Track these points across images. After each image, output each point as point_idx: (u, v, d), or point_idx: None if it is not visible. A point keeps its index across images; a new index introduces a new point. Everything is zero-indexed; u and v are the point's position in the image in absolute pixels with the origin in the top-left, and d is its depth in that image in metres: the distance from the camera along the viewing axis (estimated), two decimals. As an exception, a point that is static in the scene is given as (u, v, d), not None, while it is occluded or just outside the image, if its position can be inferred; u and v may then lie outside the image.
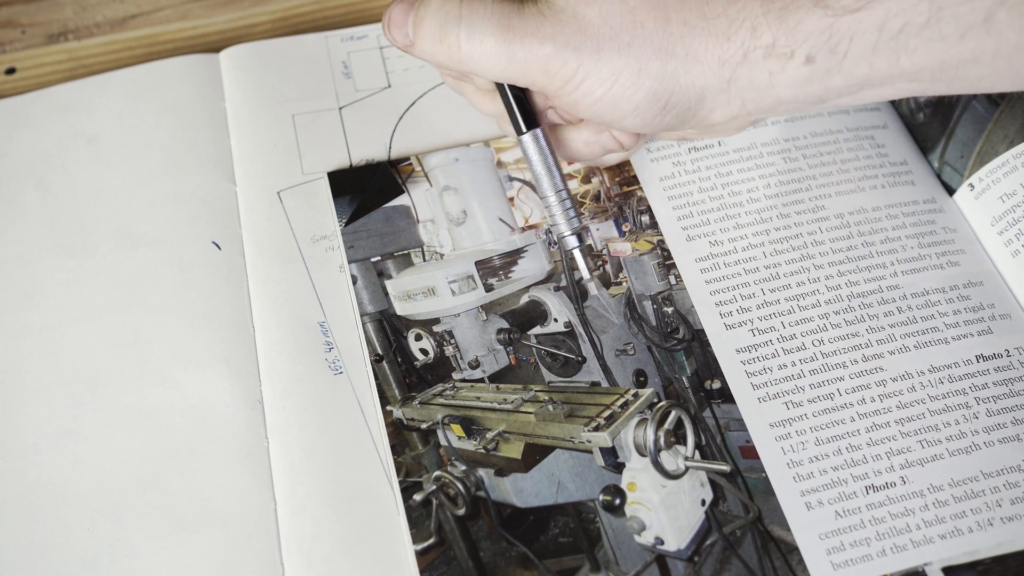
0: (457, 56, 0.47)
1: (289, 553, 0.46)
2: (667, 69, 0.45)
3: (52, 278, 0.55)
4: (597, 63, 0.45)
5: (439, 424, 0.49)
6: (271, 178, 0.58)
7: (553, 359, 0.52)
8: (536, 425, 0.48)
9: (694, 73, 0.45)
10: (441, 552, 0.46)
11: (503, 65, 0.46)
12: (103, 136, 0.60)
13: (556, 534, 0.46)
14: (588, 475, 0.47)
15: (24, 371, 0.52)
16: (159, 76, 0.62)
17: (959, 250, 0.53)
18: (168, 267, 0.55)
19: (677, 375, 0.50)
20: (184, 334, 0.53)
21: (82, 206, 0.57)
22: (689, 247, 0.54)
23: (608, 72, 0.45)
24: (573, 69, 0.45)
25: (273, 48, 0.64)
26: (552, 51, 0.45)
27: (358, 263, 0.54)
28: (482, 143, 0.59)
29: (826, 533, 0.45)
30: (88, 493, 0.48)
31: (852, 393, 0.48)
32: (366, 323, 0.52)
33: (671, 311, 0.52)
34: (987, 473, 0.46)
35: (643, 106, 0.46)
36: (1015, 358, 0.49)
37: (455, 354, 0.52)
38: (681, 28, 0.45)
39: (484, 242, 0.55)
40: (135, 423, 0.50)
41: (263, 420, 0.50)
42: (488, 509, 0.47)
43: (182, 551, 0.47)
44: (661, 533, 0.45)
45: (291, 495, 0.48)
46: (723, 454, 0.48)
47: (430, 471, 0.48)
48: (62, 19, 0.67)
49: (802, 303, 0.51)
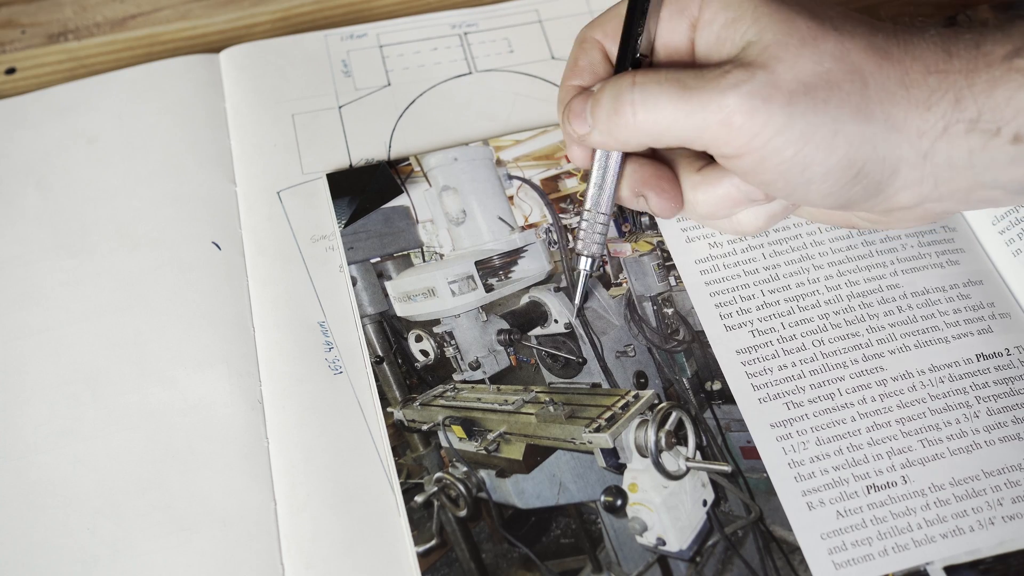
0: (633, 125, 0.43)
1: (289, 553, 0.46)
2: (865, 134, 0.41)
3: (52, 278, 0.55)
4: (789, 117, 0.40)
5: (440, 425, 0.49)
6: (271, 178, 0.58)
7: (554, 360, 0.52)
8: (537, 426, 0.48)
9: (892, 143, 0.41)
10: (443, 554, 0.46)
11: (680, 124, 0.42)
12: (103, 136, 0.60)
13: (558, 535, 0.46)
14: (589, 476, 0.47)
15: (24, 371, 0.52)
16: (159, 76, 0.62)
17: (959, 249, 0.53)
18: (168, 267, 0.55)
19: (678, 376, 0.50)
20: (184, 334, 0.53)
21: (82, 206, 0.57)
22: (689, 248, 0.54)
23: (801, 129, 0.40)
24: (761, 123, 0.40)
25: (273, 48, 0.64)
26: (736, 102, 0.40)
27: (358, 264, 0.54)
28: (481, 142, 0.59)
29: (828, 533, 0.45)
30: (88, 493, 0.48)
31: (852, 393, 0.48)
32: (366, 325, 0.52)
33: (671, 312, 0.52)
34: (988, 472, 0.46)
35: (835, 173, 0.42)
36: (1015, 357, 0.49)
37: (456, 355, 0.52)
38: (880, 93, 0.41)
39: (484, 242, 0.55)
40: (135, 423, 0.50)
41: (263, 420, 0.50)
42: (490, 510, 0.47)
43: (182, 551, 0.47)
44: (663, 534, 0.45)
45: (291, 495, 0.48)
46: (724, 455, 0.48)
47: (431, 472, 0.48)
48: (62, 19, 0.67)
49: (802, 303, 0.51)
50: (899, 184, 0.43)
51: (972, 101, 0.40)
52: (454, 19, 0.66)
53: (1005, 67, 0.40)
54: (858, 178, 0.42)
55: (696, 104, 0.41)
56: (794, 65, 0.41)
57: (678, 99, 0.42)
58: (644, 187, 0.47)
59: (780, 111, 0.40)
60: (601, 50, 0.48)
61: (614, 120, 0.44)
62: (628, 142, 0.45)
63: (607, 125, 0.44)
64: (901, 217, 0.47)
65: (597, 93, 0.45)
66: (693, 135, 0.42)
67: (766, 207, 0.48)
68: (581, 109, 0.46)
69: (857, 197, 0.43)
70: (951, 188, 0.43)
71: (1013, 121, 0.40)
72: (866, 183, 0.42)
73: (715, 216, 0.48)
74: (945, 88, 0.41)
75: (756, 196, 0.46)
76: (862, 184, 0.42)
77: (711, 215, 0.48)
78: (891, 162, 0.42)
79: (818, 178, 0.42)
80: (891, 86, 0.41)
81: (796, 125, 0.40)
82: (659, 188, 0.47)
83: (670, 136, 0.43)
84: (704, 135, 0.42)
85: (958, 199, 0.44)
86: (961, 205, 0.45)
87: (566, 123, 0.47)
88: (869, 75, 0.41)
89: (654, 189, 0.47)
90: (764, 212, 0.48)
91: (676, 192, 0.47)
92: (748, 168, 0.43)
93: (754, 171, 0.43)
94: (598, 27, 0.49)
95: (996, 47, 0.41)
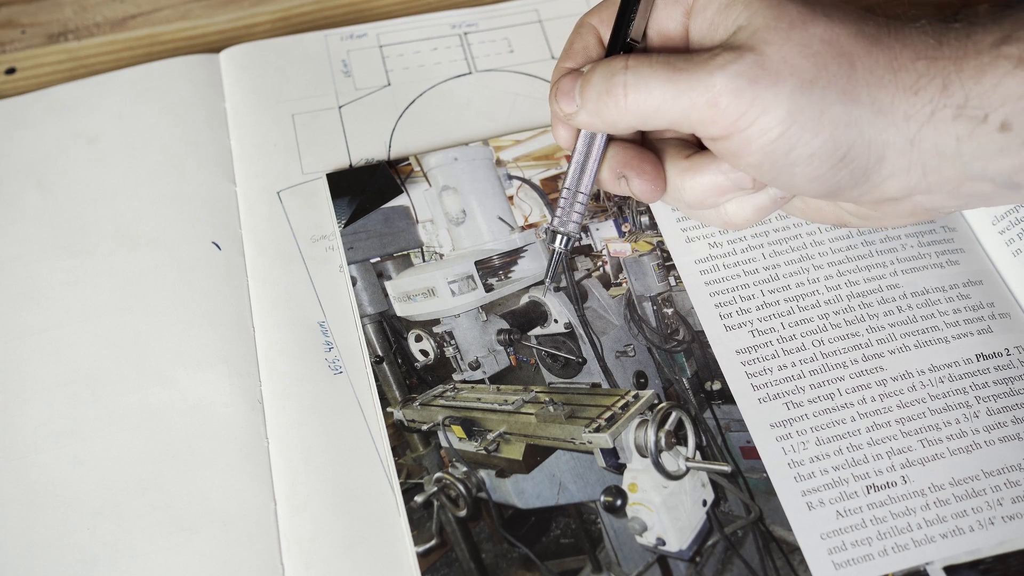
0: (623, 106, 0.43)
1: (289, 553, 0.46)
2: (852, 115, 0.41)
3: (52, 278, 0.55)
4: (775, 97, 0.40)
5: (440, 425, 0.49)
6: (271, 178, 0.58)
7: (553, 360, 0.52)
8: (537, 426, 0.48)
9: (878, 126, 0.41)
10: (443, 554, 0.46)
11: (668, 105, 0.42)
12: (103, 136, 0.60)
13: (558, 535, 0.46)
14: (589, 476, 0.47)
15: (24, 371, 0.52)
16: (159, 76, 0.62)
17: (959, 249, 0.53)
18: (168, 267, 0.55)
19: (677, 376, 0.50)
20: (184, 334, 0.53)
21: (82, 206, 0.57)
22: (689, 248, 0.54)
23: (787, 109, 0.40)
24: (748, 102, 0.40)
25: (273, 48, 0.64)
26: (723, 81, 0.40)
27: (358, 264, 0.54)
28: (481, 142, 0.59)
29: (827, 533, 0.45)
30: (88, 493, 0.48)
31: (852, 393, 0.48)
32: (366, 325, 0.52)
33: (671, 312, 0.52)
34: (988, 472, 0.46)
35: (820, 155, 0.41)
36: (1015, 357, 0.49)
37: (455, 355, 0.52)
38: (867, 76, 0.41)
39: (484, 242, 0.55)
40: (135, 423, 0.50)
41: (263, 420, 0.50)
42: (490, 510, 0.47)
43: (182, 551, 0.47)
44: (663, 534, 0.45)
45: (291, 495, 0.48)
46: (724, 455, 0.48)
47: (431, 472, 0.48)
48: (62, 19, 0.67)
49: (802, 303, 0.51)
50: (886, 172, 0.42)
51: (959, 86, 0.40)
52: (454, 19, 0.66)
53: (994, 54, 0.40)
54: (844, 162, 0.42)
55: (684, 84, 0.41)
56: (782, 47, 0.41)
57: (667, 80, 0.42)
58: (626, 168, 0.47)
59: (766, 91, 0.40)
60: (596, 35, 0.49)
61: (604, 101, 0.44)
62: (616, 124, 0.45)
63: (596, 106, 0.44)
64: (892, 212, 0.46)
65: (587, 73, 0.45)
66: (680, 116, 0.42)
67: (753, 199, 0.48)
68: (570, 88, 0.46)
69: (844, 183, 0.43)
70: (939, 178, 0.42)
71: (1000, 108, 0.40)
72: (852, 168, 0.42)
73: (703, 204, 0.48)
74: (933, 73, 0.41)
75: (744, 183, 0.46)
76: (848, 169, 0.42)
77: (698, 203, 0.47)
78: (877, 147, 0.42)
79: (803, 160, 0.42)
80: (879, 71, 0.41)
81: (782, 105, 0.40)
82: (640, 169, 0.47)
83: (658, 118, 0.43)
84: (691, 115, 0.42)
85: (947, 191, 0.43)
86: (951, 199, 0.44)
87: (553, 102, 0.47)
88: (857, 59, 0.41)
89: (635, 170, 0.47)
90: (752, 204, 0.48)
91: (658, 175, 0.47)
92: (734, 150, 0.43)
93: (740, 153, 0.43)
94: (596, 14, 0.49)
95: (986, 35, 0.41)
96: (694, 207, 0.48)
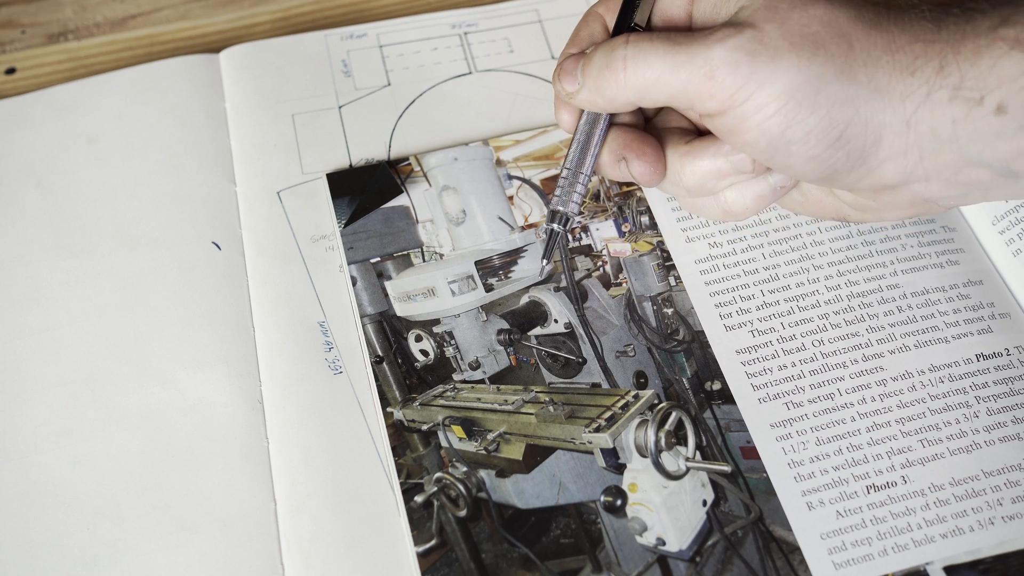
0: (622, 80, 0.44)
1: (289, 553, 0.46)
2: (848, 94, 0.41)
3: (52, 278, 0.55)
4: (772, 72, 0.41)
5: (440, 425, 0.49)
6: (271, 178, 0.58)
7: (553, 360, 0.52)
8: (537, 426, 0.48)
9: (875, 106, 0.41)
10: (443, 554, 0.46)
11: (667, 78, 0.42)
12: (103, 136, 0.60)
13: (558, 535, 0.46)
14: (589, 476, 0.47)
15: (24, 371, 0.52)
16: (159, 76, 0.62)
17: (959, 249, 0.53)
18: (168, 267, 0.55)
19: (677, 376, 0.50)
20: (184, 334, 0.53)
21: (82, 206, 0.57)
22: (689, 248, 0.54)
23: (784, 85, 0.41)
24: (745, 76, 0.41)
25: (273, 48, 0.64)
26: (721, 54, 0.41)
27: (358, 264, 0.54)
28: (481, 142, 0.59)
29: (827, 533, 0.45)
30: (88, 493, 0.48)
31: (852, 393, 0.48)
32: (366, 325, 0.52)
33: (671, 312, 0.52)
34: (988, 472, 0.46)
35: (816, 133, 0.41)
36: (1015, 357, 0.49)
37: (455, 355, 0.52)
38: (864, 57, 0.41)
39: (484, 242, 0.55)
40: (135, 423, 0.50)
41: (263, 420, 0.50)
42: (490, 510, 0.47)
43: (182, 551, 0.47)
44: (663, 534, 0.45)
45: (291, 495, 0.48)
46: (724, 455, 0.48)
47: (431, 472, 0.48)
48: (62, 19, 0.67)
49: (802, 303, 0.51)
50: (883, 154, 0.42)
51: (956, 68, 0.40)
52: (454, 19, 0.66)
53: (991, 36, 0.40)
54: (841, 142, 0.42)
55: (684, 56, 0.42)
56: (782, 25, 0.41)
57: (666, 53, 0.42)
58: (626, 150, 0.47)
59: (764, 66, 0.41)
60: (603, 24, 0.49)
61: (604, 75, 0.44)
62: (615, 99, 0.45)
63: (596, 81, 0.45)
64: (890, 203, 0.46)
65: (590, 53, 0.46)
66: (678, 90, 0.43)
67: (753, 186, 0.48)
68: (573, 68, 0.46)
69: (841, 165, 0.43)
70: (936, 163, 0.42)
71: (996, 90, 0.40)
72: (849, 148, 0.42)
73: (702, 190, 0.48)
74: (930, 55, 0.41)
75: (744, 166, 0.46)
76: (845, 150, 0.42)
77: (698, 188, 0.48)
78: (874, 127, 0.42)
79: (800, 138, 0.42)
80: (876, 52, 0.41)
81: (779, 80, 0.41)
82: (641, 151, 0.47)
83: (657, 92, 0.43)
84: (688, 88, 0.42)
85: (945, 179, 0.43)
86: (949, 188, 0.44)
87: (556, 81, 0.47)
88: (855, 40, 0.41)
89: (636, 152, 0.47)
90: (751, 191, 0.48)
91: (658, 158, 0.47)
92: (731, 127, 0.43)
93: (737, 130, 0.43)
94: (603, 3, 0.50)
95: (984, 20, 0.41)
96: (694, 193, 0.48)
